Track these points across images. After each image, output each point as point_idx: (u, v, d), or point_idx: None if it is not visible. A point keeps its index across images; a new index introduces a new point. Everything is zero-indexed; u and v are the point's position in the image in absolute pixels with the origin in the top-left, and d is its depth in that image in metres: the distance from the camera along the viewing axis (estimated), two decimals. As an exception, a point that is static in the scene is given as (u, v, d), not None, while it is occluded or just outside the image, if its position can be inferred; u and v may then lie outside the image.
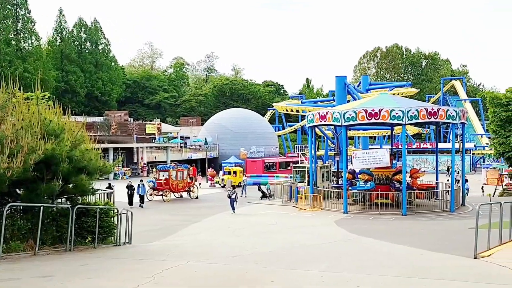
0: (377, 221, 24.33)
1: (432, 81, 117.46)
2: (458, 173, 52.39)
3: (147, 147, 61.96)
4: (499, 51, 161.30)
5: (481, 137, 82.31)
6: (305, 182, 34.05)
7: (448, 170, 65.49)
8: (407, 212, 26.41)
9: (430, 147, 74.62)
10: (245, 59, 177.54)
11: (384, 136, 79.09)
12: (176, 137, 73.53)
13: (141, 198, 31.68)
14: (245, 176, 44.52)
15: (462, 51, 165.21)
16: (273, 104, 72.29)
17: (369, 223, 23.49)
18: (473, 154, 74.35)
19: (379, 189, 28.61)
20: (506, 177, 46.58)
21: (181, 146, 67.92)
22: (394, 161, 37.62)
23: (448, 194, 29.12)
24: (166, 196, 35.42)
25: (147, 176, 50.34)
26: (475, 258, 11.31)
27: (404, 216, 25.95)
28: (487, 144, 73.55)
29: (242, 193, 37.66)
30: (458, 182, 32.68)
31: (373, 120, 27.27)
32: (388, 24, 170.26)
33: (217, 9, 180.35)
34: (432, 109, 27.40)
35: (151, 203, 33.60)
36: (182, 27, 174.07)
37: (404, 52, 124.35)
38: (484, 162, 73.84)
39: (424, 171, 37.07)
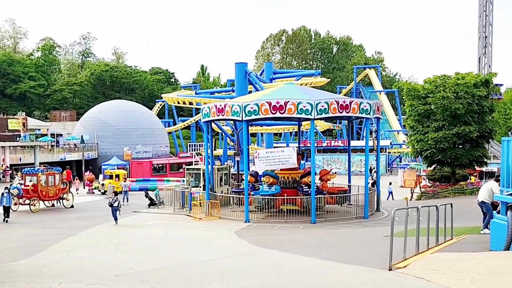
0: (283, 230, 24.73)
1: (344, 69, 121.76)
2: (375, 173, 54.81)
3: (10, 146, 59.27)
4: (417, 38, 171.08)
5: (398, 133, 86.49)
6: (200, 187, 33.94)
7: (371, 171, 68.50)
8: (317, 220, 27.06)
9: (342, 145, 77.23)
10: (128, 42, 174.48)
11: (291, 132, 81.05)
12: (46, 135, 70.73)
13: (6, 211, 29.95)
14: (126, 180, 43.72)
15: (377, 36, 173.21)
16: (162, 96, 71.57)
17: (274, 233, 23.80)
18: (389, 153, 77.94)
19: (285, 194, 29.12)
20: (424, 179, 49.01)
21: (52, 146, 65.52)
22: (302, 162, 38.47)
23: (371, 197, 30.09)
24: (34, 205, 34.01)
25: (11, 181, 47.92)
26: (390, 270, 11.75)
27: (313, 224, 26.58)
28: (404, 141, 77.44)
29: (123, 201, 36.97)
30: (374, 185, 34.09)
31: (278, 114, 27.67)
32: (294, 4, 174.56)
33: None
34: (344, 102, 28.23)
35: (16, 214, 32.01)
36: (51, 2, 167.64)
37: (313, 36, 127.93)
38: (401, 161, 77.70)
39: (336, 173, 38.34)
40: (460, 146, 40.51)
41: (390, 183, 44.12)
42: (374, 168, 45.94)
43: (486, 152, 42.39)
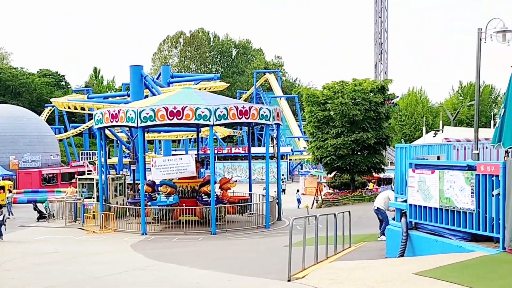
0: (182, 242, 24.68)
1: (244, 74, 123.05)
2: (283, 181, 55.69)
3: None
4: (316, 43, 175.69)
5: (299, 140, 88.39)
6: (93, 198, 33.22)
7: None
8: (217, 231, 27.21)
9: (243, 152, 77.95)
10: (13, 42, 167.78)
11: (190, 139, 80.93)
12: None
13: None
14: (11, 191, 42.06)
15: (276, 41, 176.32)
16: (52, 100, 69.45)
17: (172, 246, 23.71)
18: (290, 159, 79.46)
19: (184, 204, 29.04)
20: (325, 186, 50.36)
21: None
22: (202, 170, 38.57)
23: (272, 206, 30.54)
24: None
25: None
26: (289, 280, 12.03)
27: (213, 235, 26.70)
28: (305, 148, 79.29)
29: (9, 214, 35.56)
30: (284, 192, 34.58)
31: (175, 120, 27.63)
32: (192, 5, 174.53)
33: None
34: (243, 107, 28.57)
35: None
36: None
37: (212, 39, 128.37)
38: (302, 169, 79.42)
39: (236, 181, 38.69)
40: (359, 153, 42.06)
41: (298, 191, 45.15)
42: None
43: (384, 158, 44.26)
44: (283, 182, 67.72)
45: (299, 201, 43.42)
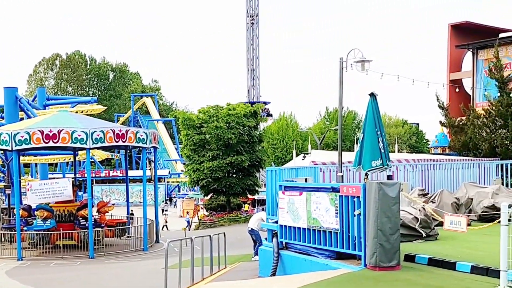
0: (60, 267, 23.95)
1: (121, 97, 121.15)
2: (166, 203, 55.10)
3: None
4: (192, 67, 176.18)
5: (176, 162, 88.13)
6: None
7: (171, 200, 68.96)
8: (95, 254, 26.65)
9: (121, 175, 76.61)
10: None
11: (68, 162, 78.32)
12: None
13: None
14: None
15: (153, 65, 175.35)
16: None
17: (50, 271, 22.95)
18: (167, 182, 79.04)
19: (61, 228, 28.22)
20: (202, 208, 50.59)
21: None
22: (79, 193, 37.60)
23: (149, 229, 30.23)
24: None
25: None
26: (166, 302, 12.16)
27: (91, 259, 26.12)
28: (182, 170, 79.21)
29: None
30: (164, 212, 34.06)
31: (51, 144, 26.91)
32: (67, 26, 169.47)
33: None
34: (120, 130, 28.33)
35: None
36: None
37: (89, 62, 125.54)
38: (179, 191, 79.17)
39: (114, 204, 38.06)
40: (234, 175, 42.74)
41: (188, 213, 45.06)
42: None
43: (257, 180, 45.26)
44: (166, 203, 67.48)
45: (188, 222, 43.51)
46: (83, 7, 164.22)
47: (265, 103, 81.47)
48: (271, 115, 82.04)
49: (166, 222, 45.44)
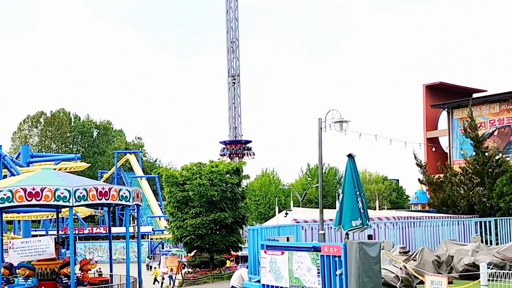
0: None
1: (105, 154, 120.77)
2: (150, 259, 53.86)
3: None
4: (176, 123, 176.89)
5: (160, 219, 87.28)
6: None
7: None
8: (75, 313, 26.01)
9: (104, 232, 75.63)
10: None
11: (51, 219, 77.18)
12: None
13: None
14: None
15: (137, 122, 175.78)
16: None
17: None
18: (151, 239, 78.10)
19: (43, 287, 27.57)
20: (185, 265, 49.86)
21: None
22: (63, 250, 36.93)
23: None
24: None
25: None
26: None
27: (71, 318, 25.48)
28: (165, 227, 78.40)
29: None
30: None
31: (34, 202, 26.41)
32: (52, 84, 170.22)
33: None
34: (103, 188, 28.01)
35: None
36: None
37: (73, 119, 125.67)
38: (163, 247, 78.14)
39: (97, 261, 37.39)
40: (217, 232, 42.36)
41: (172, 269, 44.45)
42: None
43: (241, 237, 44.90)
44: (150, 259, 66.63)
45: (170, 277, 42.91)
46: (68, 65, 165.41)
47: (247, 141, 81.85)
48: (253, 154, 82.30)
49: (163, 278, 44.65)
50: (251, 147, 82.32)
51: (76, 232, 68.94)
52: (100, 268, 36.58)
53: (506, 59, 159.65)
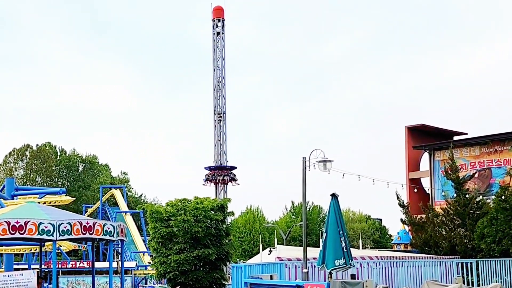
0: None
1: (90, 188, 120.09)
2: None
3: None
4: (162, 159, 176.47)
5: (143, 255, 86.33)
6: None
7: None
8: None
9: (88, 266, 74.56)
10: None
11: (34, 253, 76.09)
12: None
13: None
14: None
15: (122, 157, 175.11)
16: None
17: None
18: (134, 274, 77.11)
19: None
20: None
21: None
22: (45, 284, 36.39)
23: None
24: None
25: None
26: None
27: None
28: (149, 263, 77.46)
29: None
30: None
31: (17, 235, 26.09)
32: (38, 118, 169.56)
33: None
34: (88, 223, 27.76)
35: None
36: None
37: (59, 153, 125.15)
38: (146, 283, 77.09)
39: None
40: (201, 269, 41.90)
41: None
42: None
43: (224, 274, 44.36)
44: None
45: None
46: (55, 98, 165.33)
47: (232, 167, 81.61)
48: (236, 180, 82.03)
49: None
50: (235, 175, 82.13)
51: (59, 266, 67.81)
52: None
53: (486, 103, 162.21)
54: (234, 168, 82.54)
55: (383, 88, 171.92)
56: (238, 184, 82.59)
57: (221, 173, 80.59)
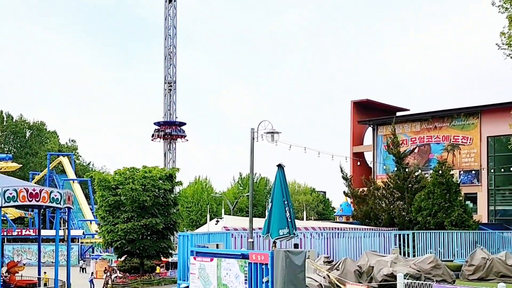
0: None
1: (37, 155, 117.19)
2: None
3: None
4: (108, 129, 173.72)
5: (91, 223, 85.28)
6: None
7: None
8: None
9: (34, 234, 73.14)
10: None
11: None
12: None
13: None
14: None
15: (71, 124, 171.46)
16: None
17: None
18: (81, 243, 76.21)
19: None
20: (114, 269, 48.78)
21: None
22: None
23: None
24: None
25: None
26: None
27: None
28: (96, 231, 76.68)
29: None
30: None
31: (-37, 202, 25.56)
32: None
33: None
34: (34, 190, 27.29)
35: None
36: None
37: (5, 118, 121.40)
38: (93, 252, 76.32)
39: (25, 264, 36.21)
40: (148, 238, 41.81)
41: (92, 273, 43.57)
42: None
43: (171, 243, 44.45)
44: (84, 262, 65.15)
45: (91, 282, 41.79)
46: (2, 64, 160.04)
47: (181, 123, 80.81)
48: (185, 136, 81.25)
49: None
50: (184, 131, 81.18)
51: (5, 233, 66.37)
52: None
53: (428, 81, 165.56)
54: (184, 124, 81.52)
55: (331, 63, 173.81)
56: (187, 140, 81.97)
57: (170, 128, 79.59)
